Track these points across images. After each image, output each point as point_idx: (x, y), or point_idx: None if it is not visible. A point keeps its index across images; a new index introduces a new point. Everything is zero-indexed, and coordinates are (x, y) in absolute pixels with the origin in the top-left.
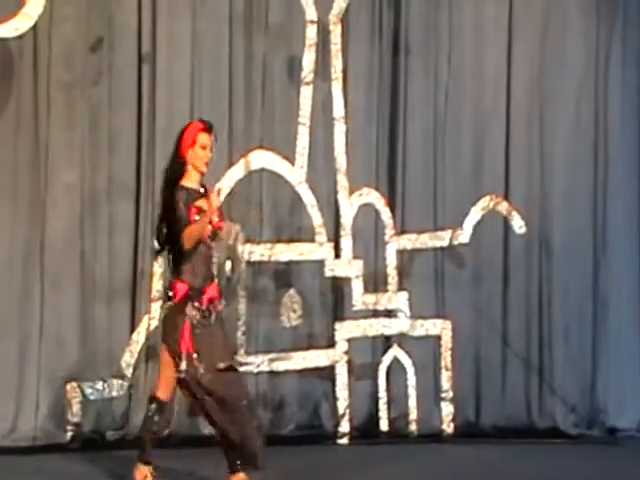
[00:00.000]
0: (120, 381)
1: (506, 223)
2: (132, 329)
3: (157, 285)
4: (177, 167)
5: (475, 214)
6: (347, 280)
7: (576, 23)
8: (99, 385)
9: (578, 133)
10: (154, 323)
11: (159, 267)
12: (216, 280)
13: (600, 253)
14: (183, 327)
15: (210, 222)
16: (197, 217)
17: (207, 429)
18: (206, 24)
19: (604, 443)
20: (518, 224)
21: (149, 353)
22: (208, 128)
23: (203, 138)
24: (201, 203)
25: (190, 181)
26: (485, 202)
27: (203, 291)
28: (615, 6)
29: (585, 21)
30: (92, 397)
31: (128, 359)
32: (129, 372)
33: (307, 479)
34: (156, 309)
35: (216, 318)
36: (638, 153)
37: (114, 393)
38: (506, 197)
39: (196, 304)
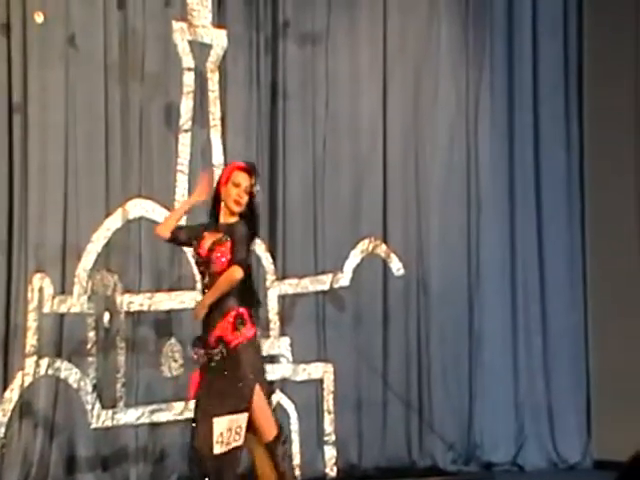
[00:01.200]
0: None
1: (385, 265)
2: (5, 386)
3: (32, 340)
4: (212, 205)
5: (355, 257)
6: None
7: (447, 72)
8: None
9: (451, 176)
10: (28, 379)
11: (33, 321)
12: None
13: (474, 292)
14: None
15: None
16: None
17: None
18: (80, 72)
19: (481, 478)
20: (396, 266)
21: (23, 410)
22: (246, 168)
23: (237, 176)
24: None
25: (224, 219)
26: (364, 245)
27: None
28: (482, 55)
29: (455, 70)
30: None
31: (0, 418)
32: (1, 432)
33: None
34: (30, 365)
35: None
36: (507, 194)
37: None
38: (384, 240)
39: None
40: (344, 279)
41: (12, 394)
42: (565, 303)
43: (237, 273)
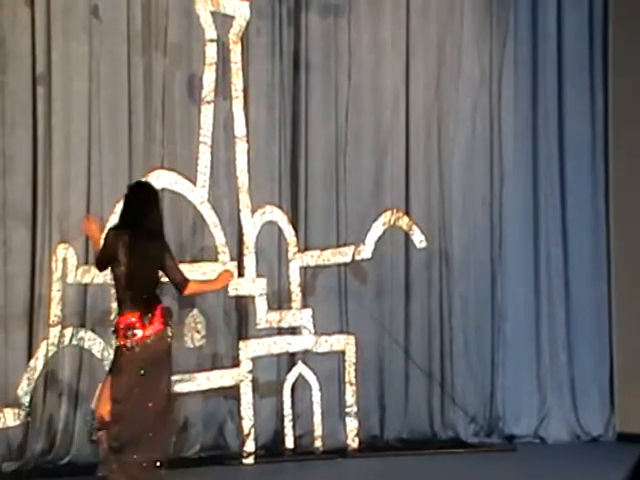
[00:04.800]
0: (17, 410)
1: (407, 238)
2: (30, 356)
3: (56, 310)
4: None
5: (377, 229)
6: (251, 298)
7: (470, 45)
8: None
9: (474, 149)
10: (53, 349)
11: (57, 291)
12: None
13: (497, 264)
14: None
15: None
16: None
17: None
18: (103, 44)
19: (503, 450)
20: (418, 238)
21: (48, 380)
22: None
23: None
24: None
25: None
26: (386, 217)
27: None
28: (506, 28)
29: (478, 42)
30: None
31: (25, 387)
32: (26, 400)
33: None
34: (54, 334)
35: None
36: (531, 166)
37: (10, 422)
38: (407, 212)
39: None
40: (366, 251)
41: (37, 363)
42: (588, 275)
43: None
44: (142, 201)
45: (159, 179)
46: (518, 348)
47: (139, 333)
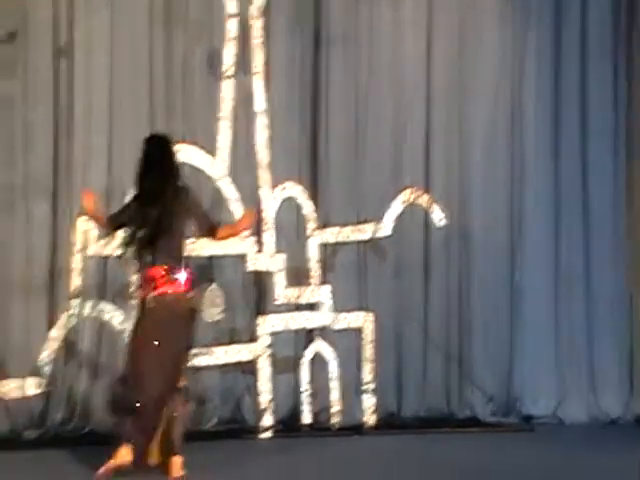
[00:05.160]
0: (38, 379)
1: (427, 216)
2: (50, 326)
3: (76, 281)
4: None
5: (396, 207)
6: (269, 274)
7: (492, 25)
8: (16, 383)
9: (495, 127)
10: (73, 320)
11: (78, 263)
12: None
13: (517, 244)
14: None
15: None
16: None
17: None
18: (125, 18)
19: (521, 430)
20: (438, 217)
21: (68, 350)
22: None
23: None
24: None
25: None
26: (406, 195)
27: None
28: (529, 10)
29: (501, 23)
30: (8, 396)
31: (46, 357)
32: (47, 370)
33: (228, 473)
34: (75, 306)
35: None
36: (553, 147)
37: (31, 391)
38: (426, 190)
39: None
40: (385, 229)
41: (57, 334)
42: (609, 255)
43: None
44: (159, 154)
45: (180, 153)
46: (537, 329)
47: (158, 288)
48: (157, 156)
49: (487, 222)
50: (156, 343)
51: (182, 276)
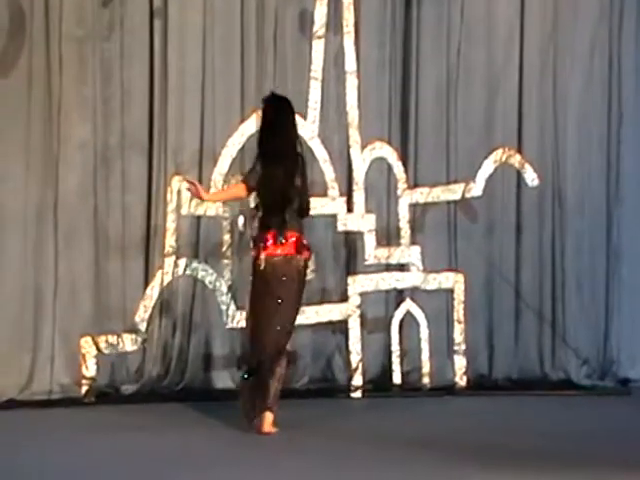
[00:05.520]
0: (134, 335)
1: (519, 176)
2: (146, 284)
3: (170, 240)
4: None
5: (488, 167)
6: (360, 234)
7: None
8: (113, 339)
9: (591, 85)
10: (167, 278)
11: (172, 222)
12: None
13: (613, 205)
14: None
15: None
16: None
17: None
18: None
19: (617, 394)
20: (531, 177)
21: (163, 308)
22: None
23: None
24: None
25: None
26: (498, 155)
27: None
28: None
29: None
30: (106, 351)
31: (142, 314)
32: (143, 327)
33: (320, 430)
34: (169, 264)
35: None
36: None
37: (128, 347)
38: (519, 150)
39: None
40: (476, 189)
41: (152, 292)
42: None
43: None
44: (284, 117)
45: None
46: (634, 290)
47: (268, 249)
48: (282, 119)
49: (582, 181)
50: (267, 302)
51: (292, 238)
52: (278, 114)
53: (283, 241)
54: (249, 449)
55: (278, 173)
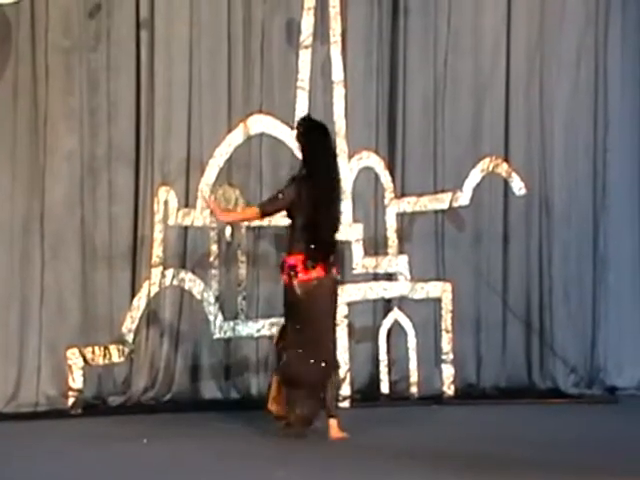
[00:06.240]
0: (121, 347)
1: (506, 185)
2: (133, 295)
3: (157, 251)
4: None
5: (475, 176)
6: (347, 244)
7: None
8: (100, 351)
9: (578, 94)
10: (155, 289)
11: (159, 233)
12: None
13: (600, 213)
14: None
15: None
16: None
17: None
18: None
19: (604, 402)
20: (518, 185)
21: (150, 319)
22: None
23: None
24: None
25: None
26: (485, 164)
27: None
28: None
29: None
30: (93, 363)
31: (129, 325)
32: (130, 338)
33: (308, 440)
34: (156, 275)
35: None
36: (638, 112)
37: (115, 359)
38: (506, 159)
39: None
40: (464, 198)
41: (139, 302)
42: None
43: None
44: (323, 146)
45: (257, 123)
46: (621, 298)
47: (300, 275)
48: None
49: (569, 190)
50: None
51: (320, 264)
52: (330, 141)
53: (314, 265)
54: (238, 460)
55: (335, 211)
